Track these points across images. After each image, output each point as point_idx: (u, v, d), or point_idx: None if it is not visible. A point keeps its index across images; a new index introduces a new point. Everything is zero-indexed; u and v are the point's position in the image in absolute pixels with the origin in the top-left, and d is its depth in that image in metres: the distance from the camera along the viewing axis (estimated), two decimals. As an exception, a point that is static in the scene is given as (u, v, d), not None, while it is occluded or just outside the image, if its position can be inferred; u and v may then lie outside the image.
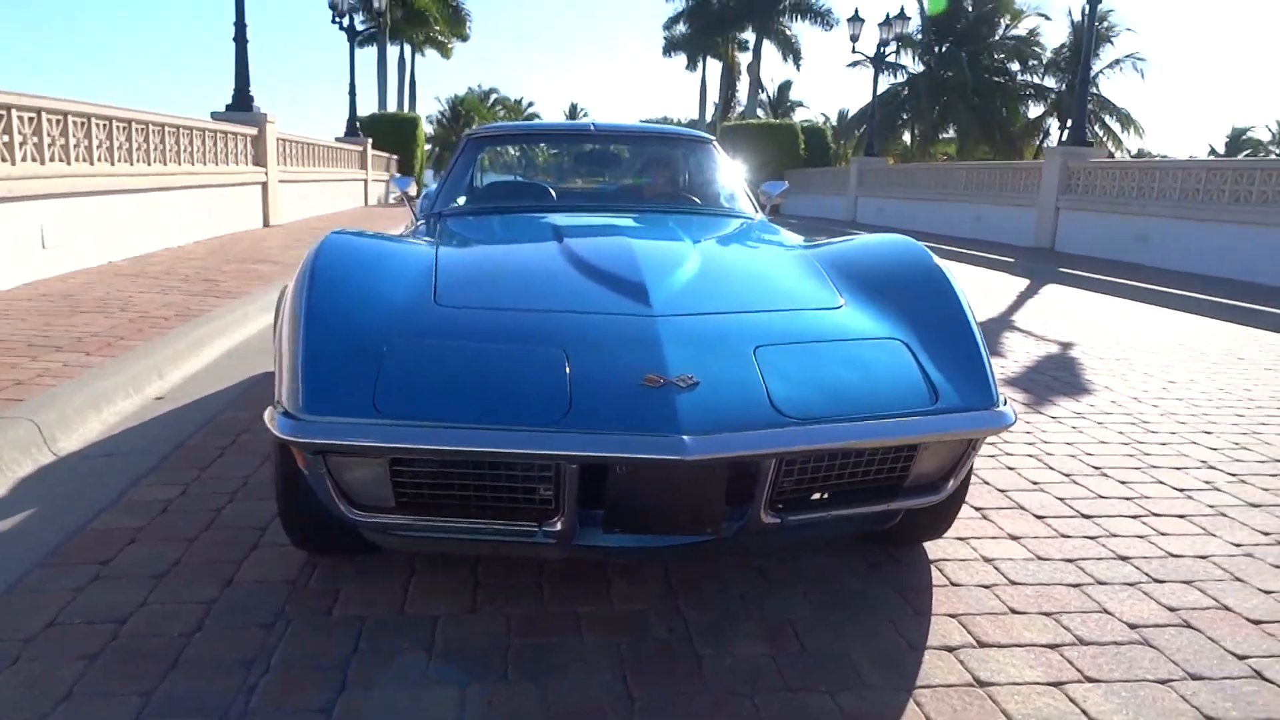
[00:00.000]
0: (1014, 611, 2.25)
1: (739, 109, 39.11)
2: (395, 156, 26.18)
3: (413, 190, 3.71)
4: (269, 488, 2.92)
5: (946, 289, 2.32)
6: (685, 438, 1.70)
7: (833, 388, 1.92)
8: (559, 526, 1.81)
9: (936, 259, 2.48)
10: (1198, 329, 7.34)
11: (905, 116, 35.39)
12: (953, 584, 2.38)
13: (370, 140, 22.36)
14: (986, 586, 2.37)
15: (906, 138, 37.02)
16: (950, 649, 2.05)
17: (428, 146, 32.26)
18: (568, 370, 1.86)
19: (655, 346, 1.92)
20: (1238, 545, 2.74)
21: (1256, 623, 2.24)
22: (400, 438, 1.72)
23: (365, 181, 21.27)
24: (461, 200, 3.64)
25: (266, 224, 11.92)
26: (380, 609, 2.16)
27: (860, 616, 2.20)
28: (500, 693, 1.83)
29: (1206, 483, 3.31)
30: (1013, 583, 2.41)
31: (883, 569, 2.45)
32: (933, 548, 2.60)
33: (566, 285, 2.26)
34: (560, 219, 3.11)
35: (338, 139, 20.57)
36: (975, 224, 16.28)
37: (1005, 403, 2.04)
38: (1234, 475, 3.41)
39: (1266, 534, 2.84)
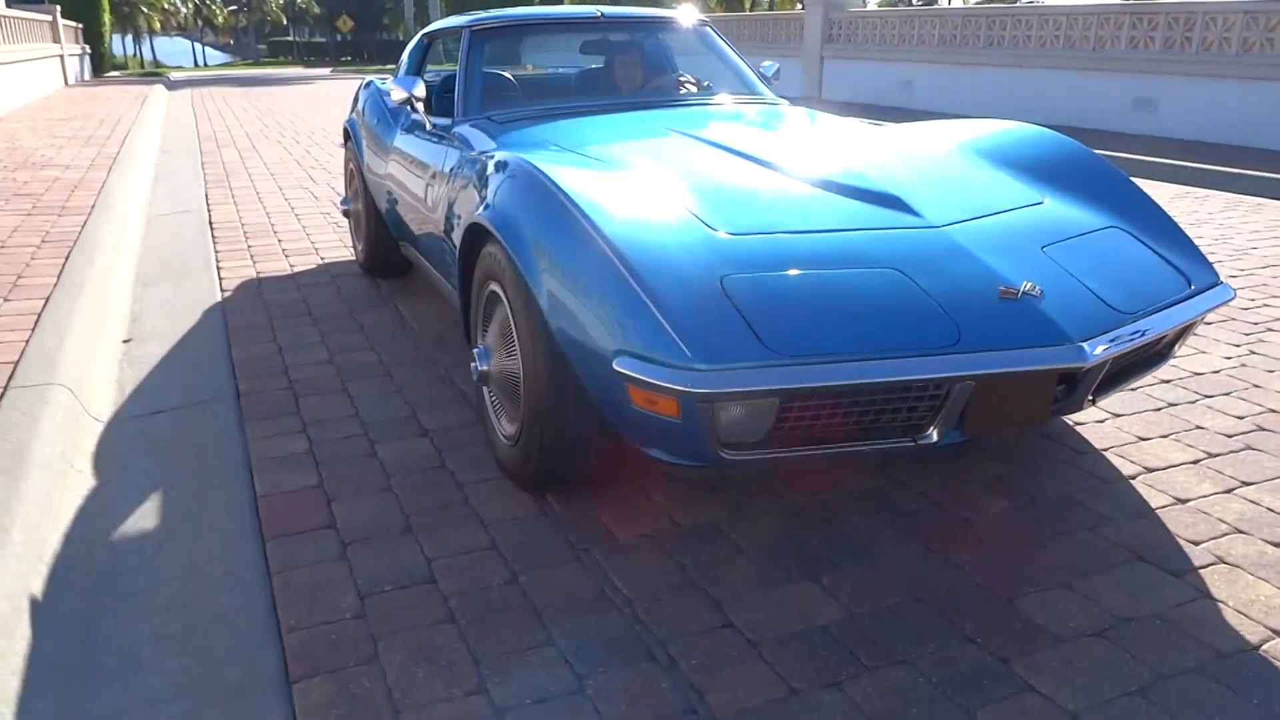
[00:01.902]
0: (1142, 439, 2.66)
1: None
2: (80, 25, 22.59)
3: (421, 91, 3.38)
4: (393, 425, 2.77)
5: (1115, 174, 2.55)
6: (1084, 345, 1.84)
7: (1123, 280, 2.10)
8: (935, 437, 1.91)
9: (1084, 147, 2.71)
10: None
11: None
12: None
13: (59, 7, 19.10)
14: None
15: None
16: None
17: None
18: (925, 291, 1.91)
19: (972, 258, 2.00)
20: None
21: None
22: (808, 377, 1.72)
23: (61, 58, 18.26)
24: (495, 103, 3.37)
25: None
26: (658, 525, 2.20)
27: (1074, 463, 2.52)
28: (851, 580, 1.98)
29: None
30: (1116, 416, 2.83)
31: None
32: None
33: (813, 202, 2.24)
34: (668, 120, 3.00)
35: (10, 4, 17.35)
36: None
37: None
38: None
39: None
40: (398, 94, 3.36)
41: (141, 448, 2.66)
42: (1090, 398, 2.05)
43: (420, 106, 3.40)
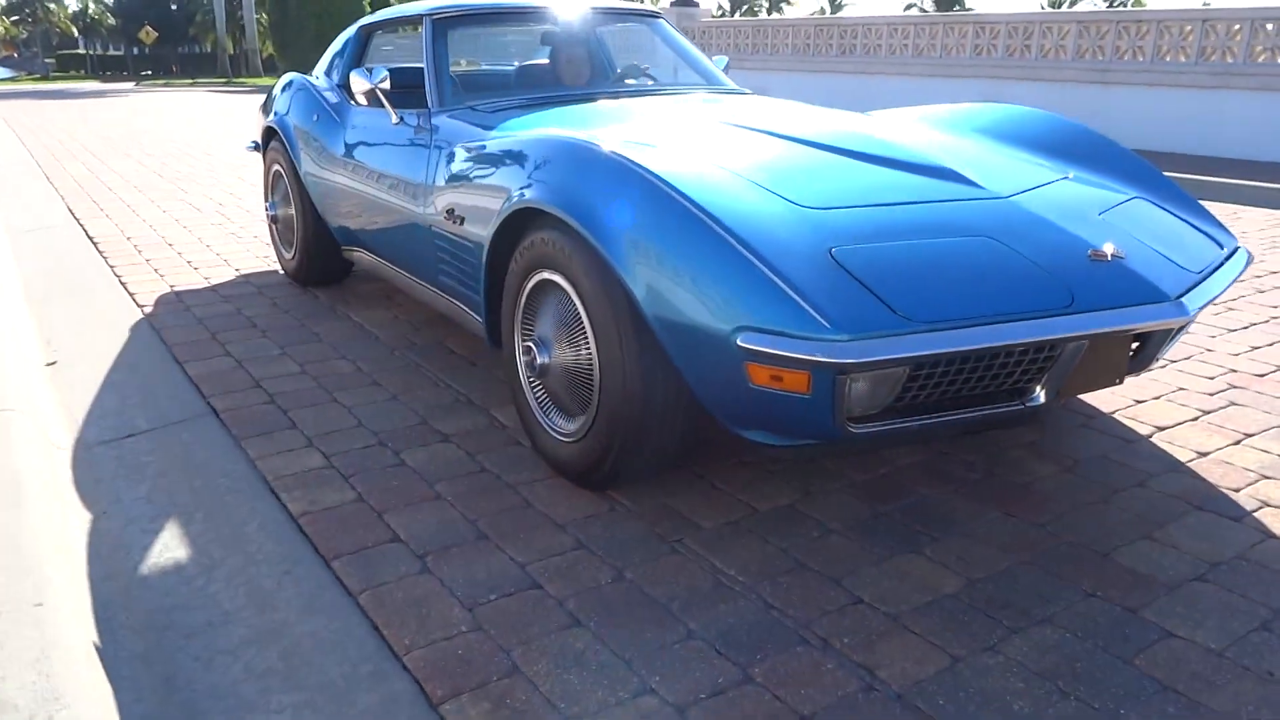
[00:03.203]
0: (1138, 401, 2.82)
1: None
2: None
3: (387, 83, 3.17)
4: (408, 433, 2.60)
5: (1117, 147, 2.69)
6: (1183, 301, 1.92)
7: (1176, 245, 2.20)
8: (1042, 399, 1.94)
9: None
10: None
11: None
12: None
13: None
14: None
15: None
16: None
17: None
18: (1025, 256, 1.94)
19: (1051, 225, 2.04)
20: None
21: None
22: (945, 343, 1.71)
23: None
24: (469, 93, 3.22)
25: None
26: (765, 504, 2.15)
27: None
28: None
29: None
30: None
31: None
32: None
33: (875, 177, 2.23)
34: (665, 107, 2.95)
35: None
36: None
37: None
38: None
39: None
40: (360, 86, 3.16)
41: (127, 475, 2.37)
42: (1157, 356, 2.15)
43: (384, 99, 3.20)
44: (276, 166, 4.10)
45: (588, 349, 2.11)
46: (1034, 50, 10.12)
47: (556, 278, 2.17)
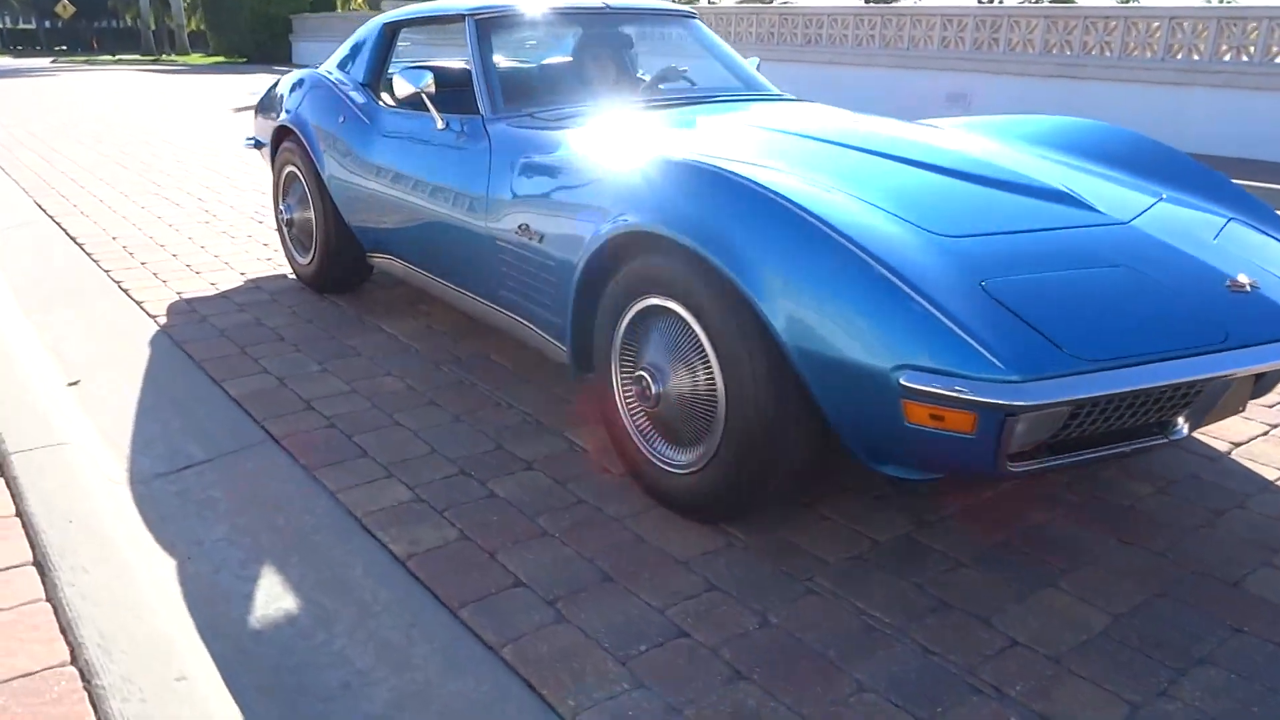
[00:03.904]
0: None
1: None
2: None
3: (432, 86, 3.02)
4: (487, 460, 2.49)
5: (1194, 164, 2.68)
6: None
7: None
8: (1185, 431, 1.92)
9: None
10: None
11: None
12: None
13: None
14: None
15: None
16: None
17: None
18: (1169, 287, 1.90)
19: (1180, 253, 2.00)
20: None
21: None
22: (1115, 383, 1.66)
23: None
24: (521, 98, 3.08)
25: None
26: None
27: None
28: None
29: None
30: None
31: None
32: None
33: (994, 201, 2.17)
34: (738, 116, 2.87)
35: None
36: None
37: None
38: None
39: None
40: (403, 88, 3.01)
41: (197, 513, 2.23)
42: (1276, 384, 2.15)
43: (430, 104, 3.06)
44: (291, 168, 3.91)
45: (709, 378, 2.04)
46: (1002, 44, 10.24)
47: (671, 304, 2.09)
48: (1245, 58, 8.44)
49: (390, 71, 3.74)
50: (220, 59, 29.67)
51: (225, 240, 4.89)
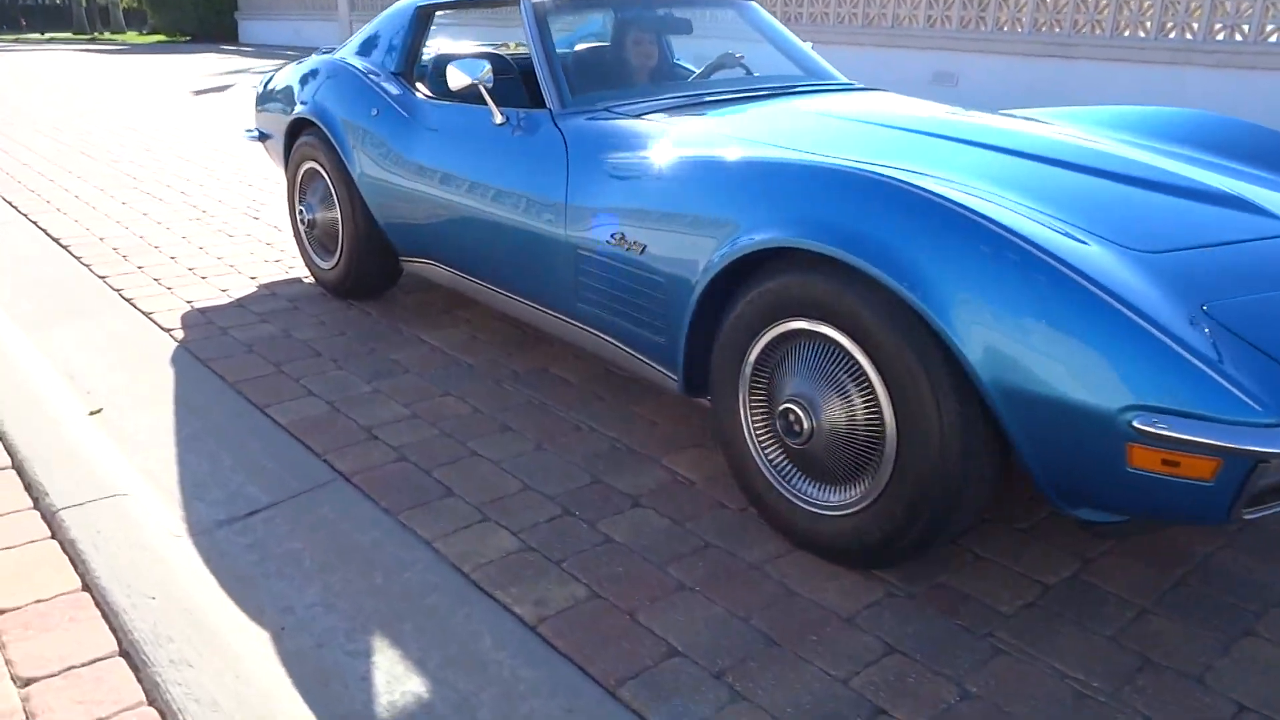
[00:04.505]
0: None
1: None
2: None
3: (490, 77, 2.74)
4: (588, 496, 2.26)
5: None
6: None
7: None
8: None
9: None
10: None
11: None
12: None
13: None
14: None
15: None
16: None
17: None
18: None
19: None
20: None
21: None
22: None
23: None
24: (586, 89, 2.82)
25: None
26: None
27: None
28: None
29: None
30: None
31: None
32: None
33: (1168, 207, 1.97)
34: (835, 110, 2.64)
35: None
36: (294, 34, 20.78)
37: None
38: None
39: None
40: (459, 80, 2.74)
41: (279, 571, 1.97)
42: None
43: (488, 98, 2.79)
44: (312, 164, 3.60)
45: (872, 411, 1.82)
46: (989, 22, 10.10)
47: (826, 330, 1.86)
48: (1239, 36, 8.40)
49: (425, 58, 3.45)
50: (161, 38, 28.56)
51: (224, 240, 4.55)
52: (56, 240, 4.48)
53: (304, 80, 3.73)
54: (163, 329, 3.34)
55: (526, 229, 2.64)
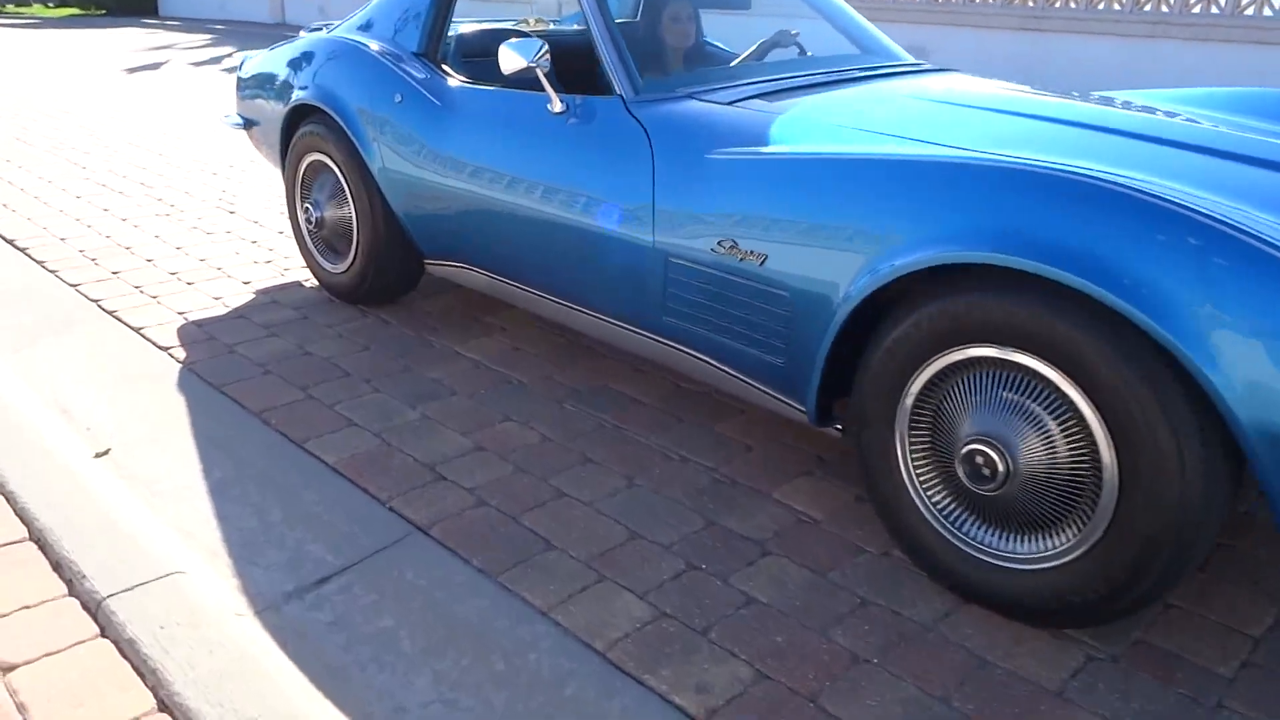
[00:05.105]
0: None
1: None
2: None
3: (547, 59, 2.41)
4: (710, 545, 2.00)
5: None
6: None
7: None
8: None
9: None
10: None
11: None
12: None
13: None
14: None
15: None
16: None
17: None
18: None
19: None
20: None
21: None
22: None
23: None
24: (654, 71, 2.51)
25: None
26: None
27: None
28: None
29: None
30: None
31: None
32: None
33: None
34: (932, 94, 2.38)
35: None
36: (219, 8, 19.69)
37: None
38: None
39: None
40: (513, 63, 2.41)
41: (376, 658, 1.65)
42: None
43: (546, 83, 2.46)
44: (318, 156, 3.22)
45: (1083, 451, 1.58)
46: (960, -5, 9.95)
47: (1019, 357, 1.61)
48: (1215, 9, 8.37)
49: (449, 34, 3.10)
50: (75, 11, 27.00)
51: (202, 238, 4.12)
52: (11, 242, 4.01)
53: (301, 61, 3.33)
54: (159, 347, 2.95)
55: (595, 232, 2.34)
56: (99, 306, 3.28)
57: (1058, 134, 2.05)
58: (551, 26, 3.70)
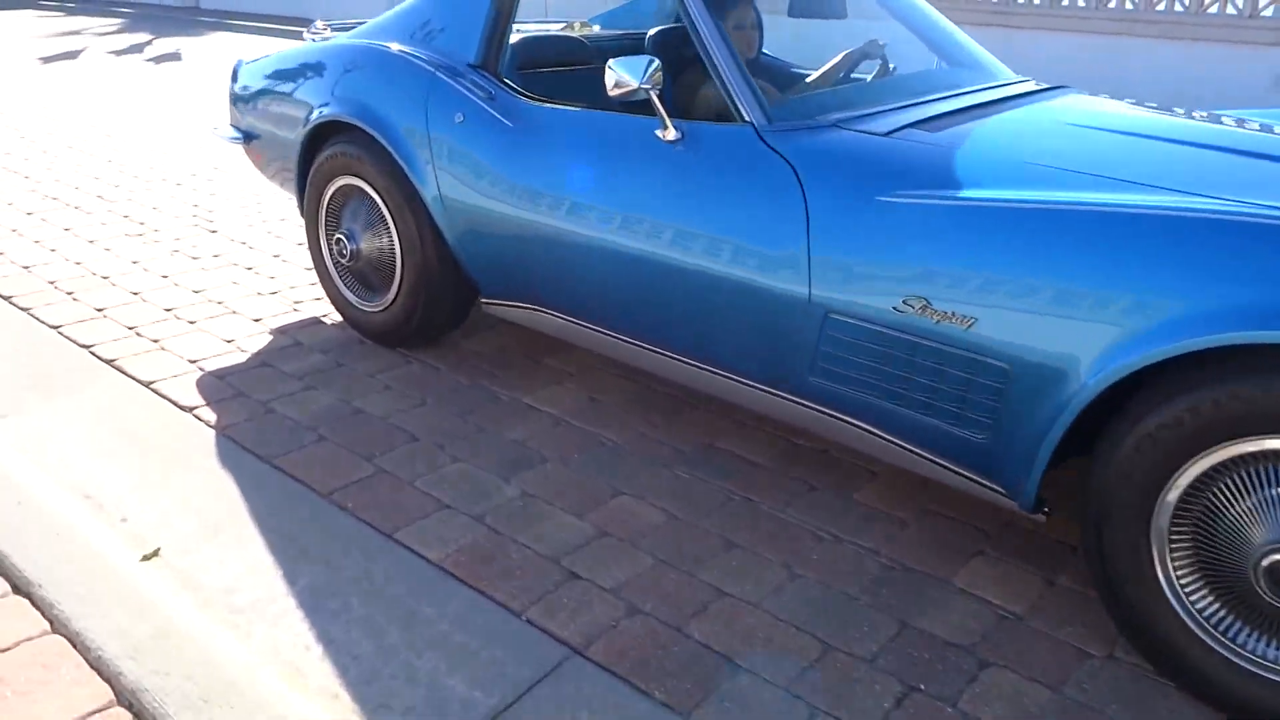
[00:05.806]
0: None
1: None
2: None
3: (660, 78, 2.09)
4: (931, 648, 1.73)
5: None
6: None
7: None
8: None
9: None
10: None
11: None
12: None
13: None
14: None
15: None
16: None
17: None
18: None
19: None
20: None
21: None
22: None
23: None
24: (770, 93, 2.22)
25: None
26: None
27: None
28: None
29: None
30: None
31: None
32: None
33: None
34: (1086, 120, 2.16)
35: None
36: None
37: None
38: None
39: None
40: (621, 84, 2.10)
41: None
42: None
43: (660, 106, 2.15)
44: (350, 180, 2.83)
45: None
46: (923, -11, 9.86)
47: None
48: (1180, 7, 8.42)
49: (510, 41, 2.75)
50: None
51: (187, 263, 3.67)
52: (-34, 273, 3.50)
53: (323, 69, 2.93)
54: (180, 407, 2.54)
55: (721, 278, 2.05)
56: (92, 354, 2.84)
57: (1252, 169, 1.83)
58: (597, 29, 3.37)
